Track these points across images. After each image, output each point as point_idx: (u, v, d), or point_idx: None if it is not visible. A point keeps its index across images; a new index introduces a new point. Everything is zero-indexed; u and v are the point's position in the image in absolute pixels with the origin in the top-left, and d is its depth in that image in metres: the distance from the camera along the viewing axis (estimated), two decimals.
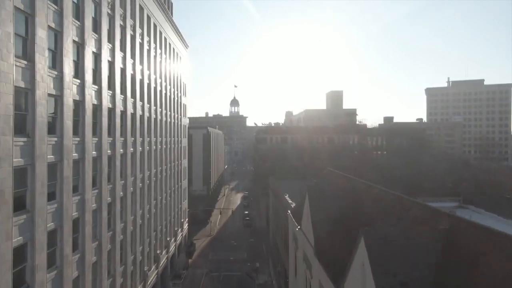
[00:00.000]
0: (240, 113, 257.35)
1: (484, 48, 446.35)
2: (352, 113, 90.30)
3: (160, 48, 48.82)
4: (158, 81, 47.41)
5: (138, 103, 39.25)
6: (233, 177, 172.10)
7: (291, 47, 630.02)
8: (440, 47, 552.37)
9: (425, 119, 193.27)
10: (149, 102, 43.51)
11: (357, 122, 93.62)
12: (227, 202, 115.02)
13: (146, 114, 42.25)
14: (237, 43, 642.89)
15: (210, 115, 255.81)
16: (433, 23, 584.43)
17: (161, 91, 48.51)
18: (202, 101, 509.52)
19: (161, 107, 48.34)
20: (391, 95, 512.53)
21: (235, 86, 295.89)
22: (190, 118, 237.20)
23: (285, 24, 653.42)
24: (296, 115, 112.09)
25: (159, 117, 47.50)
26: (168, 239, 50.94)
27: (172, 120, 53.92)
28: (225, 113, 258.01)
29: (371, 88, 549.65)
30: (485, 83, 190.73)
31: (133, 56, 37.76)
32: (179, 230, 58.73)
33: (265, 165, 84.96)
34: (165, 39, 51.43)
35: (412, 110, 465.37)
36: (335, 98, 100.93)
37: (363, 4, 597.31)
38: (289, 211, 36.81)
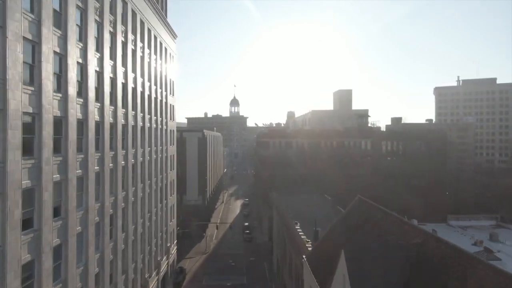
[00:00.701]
0: (241, 114, 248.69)
1: (488, 47, 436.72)
2: (364, 114, 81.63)
3: (142, 41, 40.15)
4: (137, 80, 38.74)
5: (108, 108, 30.61)
6: (232, 181, 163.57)
7: (291, 47, 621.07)
8: (441, 46, 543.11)
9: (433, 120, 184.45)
10: (124, 106, 34.89)
11: (369, 125, 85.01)
12: (226, 210, 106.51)
13: (121, 121, 33.66)
14: (237, 42, 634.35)
15: (209, 115, 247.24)
16: (434, 23, 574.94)
17: (139, 91, 39.77)
18: (201, 102, 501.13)
19: (140, 111, 39.63)
20: (391, 95, 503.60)
21: (235, 86, 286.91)
22: (188, 119, 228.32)
23: (286, 24, 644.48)
24: (300, 117, 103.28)
25: (139, 123, 38.86)
26: (147, 276, 41.84)
27: (155, 126, 45.17)
28: (225, 113, 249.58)
29: (371, 88, 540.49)
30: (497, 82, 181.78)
31: (101, 49, 29.14)
32: (164, 258, 49.61)
33: (267, 173, 76.43)
34: (149, 30, 42.72)
35: (414, 110, 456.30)
36: (344, 98, 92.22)
37: (363, 4, 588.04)
38: (304, 257, 28.14)
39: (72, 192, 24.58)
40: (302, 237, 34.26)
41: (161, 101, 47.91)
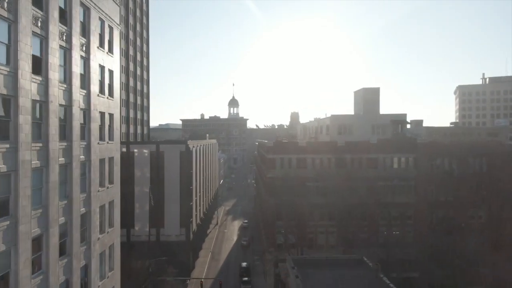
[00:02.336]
0: (240, 115, 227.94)
1: (494, 45, 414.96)
2: (402, 120, 61.10)
3: None
4: None
5: None
6: (230, 193, 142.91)
7: (293, 46, 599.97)
8: (445, 46, 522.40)
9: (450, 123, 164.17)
10: None
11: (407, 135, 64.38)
12: (220, 238, 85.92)
13: None
14: (237, 42, 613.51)
15: (206, 117, 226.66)
16: (440, 20, 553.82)
17: None
18: (201, 103, 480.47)
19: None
20: (398, 95, 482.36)
21: (233, 84, 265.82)
22: (183, 121, 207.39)
23: (287, 23, 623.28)
24: (312, 122, 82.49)
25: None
26: None
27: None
28: (224, 115, 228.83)
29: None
30: None
31: None
32: None
33: (272, 200, 55.97)
34: None
35: (419, 110, 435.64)
36: (369, 98, 71.74)
37: (366, 2, 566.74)
38: None
39: None
40: None
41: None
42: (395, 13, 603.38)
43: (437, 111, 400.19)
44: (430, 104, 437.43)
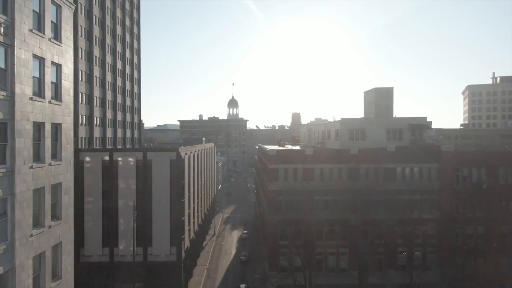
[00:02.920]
0: (240, 116, 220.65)
1: (493, 44, 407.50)
2: (422, 124, 53.92)
3: None
4: None
5: None
6: (229, 199, 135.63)
7: (294, 47, 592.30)
8: (451, 45, 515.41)
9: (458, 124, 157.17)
10: None
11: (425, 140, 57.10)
12: (217, 252, 78.73)
13: None
14: (237, 42, 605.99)
15: (205, 117, 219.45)
16: (440, 20, 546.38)
17: None
18: (199, 105, 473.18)
19: None
20: (399, 95, 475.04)
21: (233, 84, 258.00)
22: (180, 122, 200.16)
23: (287, 23, 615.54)
24: (319, 126, 75.36)
25: None
26: None
27: None
28: (223, 116, 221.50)
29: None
30: None
31: None
32: None
33: (275, 217, 48.82)
34: None
35: (423, 111, 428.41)
36: (382, 99, 64.48)
37: (367, 2, 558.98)
38: None
39: None
40: None
41: None
42: (396, 11, 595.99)
43: (442, 112, 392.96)
44: (433, 105, 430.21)
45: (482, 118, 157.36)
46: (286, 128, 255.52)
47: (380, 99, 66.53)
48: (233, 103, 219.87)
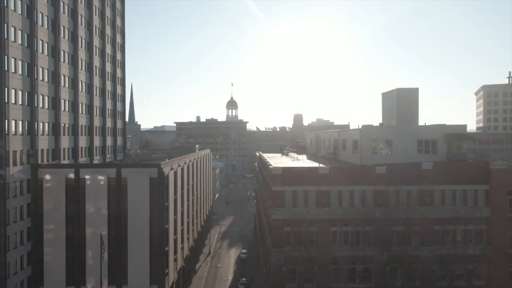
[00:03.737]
0: (239, 118, 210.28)
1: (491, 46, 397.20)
2: (461, 134, 43.56)
3: None
4: None
5: None
6: (227, 209, 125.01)
7: (294, 47, 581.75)
8: (443, 45, 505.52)
9: (472, 126, 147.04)
10: None
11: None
12: (211, 277, 68.16)
13: None
14: (237, 43, 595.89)
15: (203, 119, 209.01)
16: (435, 22, 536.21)
17: None
18: (198, 105, 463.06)
19: None
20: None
21: (232, 84, 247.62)
22: (177, 124, 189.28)
23: (287, 23, 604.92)
24: (328, 134, 65.15)
25: None
26: None
27: None
28: (222, 118, 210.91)
29: (376, 90, 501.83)
30: None
31: None
32: None
33: (280, 253, 38.48)
34: None
35: (428, 114, 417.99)
36: (406, 103, 54.54)
37: (367, 2, 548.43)
38: None
39: None
40: None
41: None
42: (396, 11, 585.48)
43: (443, 113, 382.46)
44: (434, 105, 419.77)
45: (499, 121, 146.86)
46: (287, 129, 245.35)
47: (403, 103, 56.24)
48: (232, 104, 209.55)
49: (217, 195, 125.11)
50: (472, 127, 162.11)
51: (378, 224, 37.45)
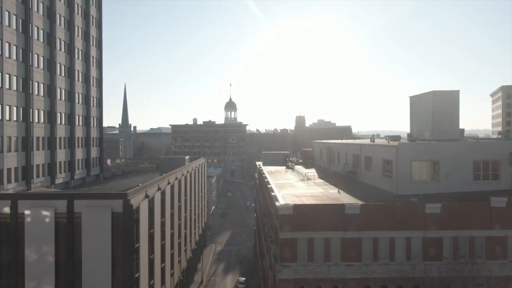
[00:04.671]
0: (239, 120, 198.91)
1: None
2: None
3: None
4: None
5: None
6: (224, 223, 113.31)
7: (293, 48, 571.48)
8: (443, 45, 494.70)
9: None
10: None
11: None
12: None
13: None
14: (236, 43, 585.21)
15: (200, 122, 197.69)
16: (435, 22, 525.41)
17: None
18: (196, 108, 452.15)
19: None
20: (404, 97, 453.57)
21: (231, 85, 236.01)
22: (172, 126, 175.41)
23: (287, 24, 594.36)
24: (343, 146, 53.58)
25: None
26: None
27: None
28: (220, 120, 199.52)
29: (383, 92, 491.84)
30: None
31: None
32: None
33: None
34: None
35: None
36: (443, 109, 43.56)
37: (367, 2, 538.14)
38: None
39: None
40: None
41: None
42: (396, 11, 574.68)
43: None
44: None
45: None
46: (289, 132, 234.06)
47: (440, 109, 45.06)
48: (231, 105, 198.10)
49: (212, 208, 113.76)
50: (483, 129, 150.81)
51: (431, 285, 26.21)
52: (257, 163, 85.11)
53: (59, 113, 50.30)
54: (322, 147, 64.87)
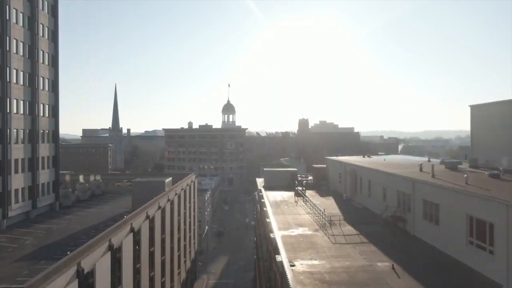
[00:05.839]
0: (237, 124, 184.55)
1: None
2: None
3: None
4: None
5: None
6: (220, 244, 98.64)
7: (293, 48, 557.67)
8: (443, 45, 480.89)
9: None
10: None
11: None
12: None
13: None
14: (236, 44, 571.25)
15: (196, 126, 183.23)
16: (435, 22, 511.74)
17: None
18: (194, 111, 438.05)
19: None
20: (404, 99, 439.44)
21: (229, 85, 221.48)
22: (166, 130, 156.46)
23: (287, 24, 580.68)
24: (387, 178, 38.19)
25: None
26: None
27: None
28: (217, 125, 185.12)
29: (383, 92, 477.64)
30: None
31: None
32: None
33: None
34: None
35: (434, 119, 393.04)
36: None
37: (367, 2, 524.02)
38: None
39: None
40: None
41: None
42: (396, 11, 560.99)
43: (444, 113, 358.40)
44: (434, 106, 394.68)
45: None
46: (291, 135, 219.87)
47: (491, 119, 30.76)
48: (228, 108, 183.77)
49: (206, 229, 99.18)
50: None
51: None
52: (258, 180, 70.57)
53: None
54: (341, 168, 50.26)
